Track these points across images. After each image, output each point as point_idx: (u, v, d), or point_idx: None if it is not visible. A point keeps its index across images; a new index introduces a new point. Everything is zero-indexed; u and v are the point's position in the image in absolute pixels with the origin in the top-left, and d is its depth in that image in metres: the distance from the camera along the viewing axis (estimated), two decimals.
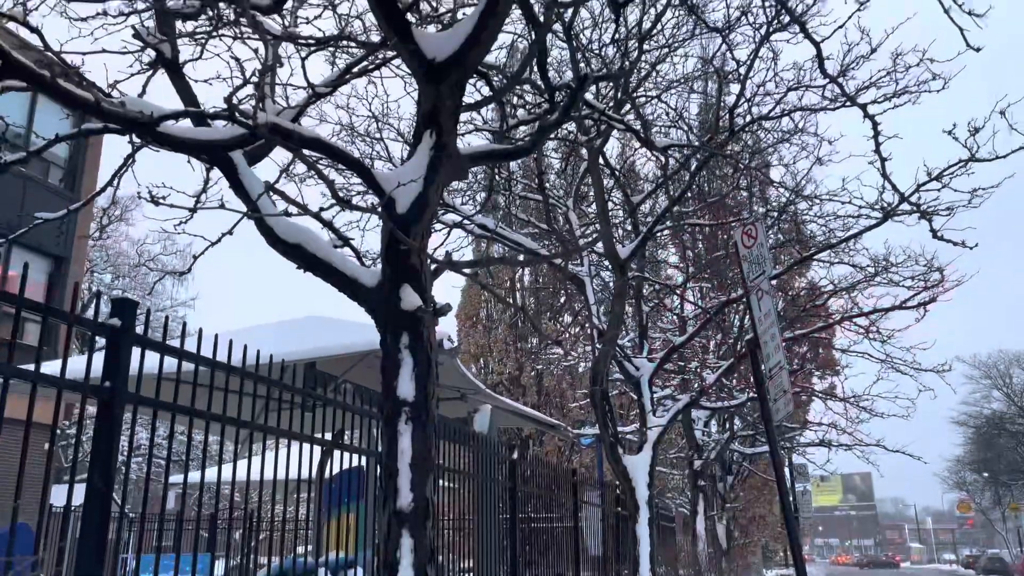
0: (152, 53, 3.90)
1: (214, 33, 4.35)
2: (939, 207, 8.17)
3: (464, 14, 5.87)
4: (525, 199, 13.83)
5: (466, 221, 9.41)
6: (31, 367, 3.08)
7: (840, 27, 6.55)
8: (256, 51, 4.39)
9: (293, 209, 3.27)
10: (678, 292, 14.87)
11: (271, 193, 3.89)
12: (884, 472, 18.87)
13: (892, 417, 15.36)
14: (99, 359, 3.44)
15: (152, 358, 3.54)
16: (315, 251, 3.83)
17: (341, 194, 9.39)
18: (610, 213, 11.56)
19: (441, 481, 5.98)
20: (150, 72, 4.18)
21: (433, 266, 3.91)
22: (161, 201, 3.03)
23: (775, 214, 12.55)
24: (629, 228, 13.07)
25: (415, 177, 3.50)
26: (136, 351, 3.40)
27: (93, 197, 4.32)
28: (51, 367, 5.13)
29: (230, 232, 3.46)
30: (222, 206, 3.03)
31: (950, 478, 62.97)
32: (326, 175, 3.29)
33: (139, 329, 3.47)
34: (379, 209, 3.42)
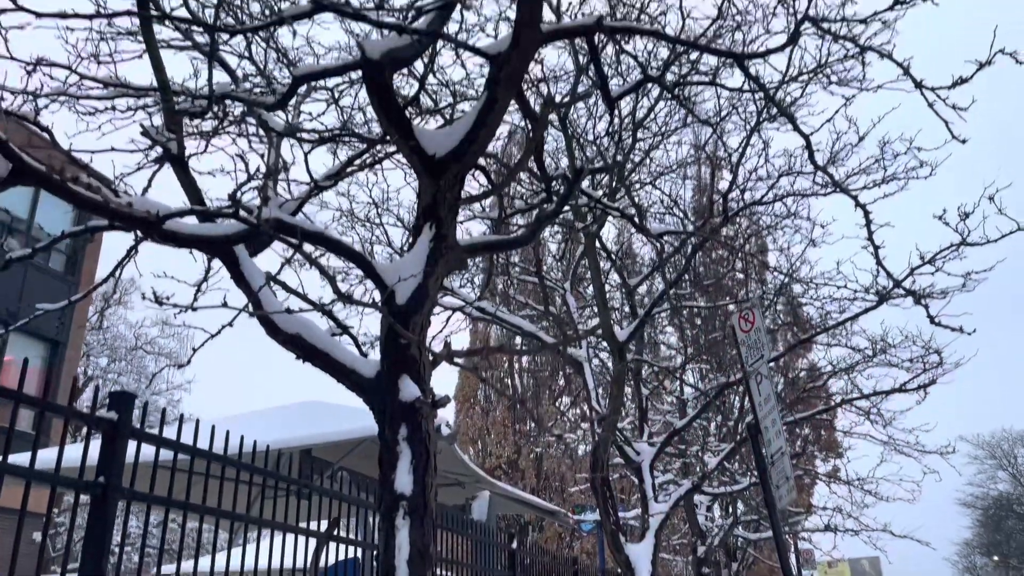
0: (159, 149, 4.01)
1: (220, 129, 4.48)
2: (934, 291, 8.23)
3: (463, 110, 6.05)
4: (523, 281, 13.94)
5: (466, 307, 9.46)
6: (27, 459, 3.07)
7: (828, 120, 6.75)
8: (263, 156, 4.51)
9: (294, 305, 3.31)
10: (677, 374, 14.82)
11: (272, 283, 3.94)
12: (893, 558, 18.33)
13: (898, 501, 15.08)
14: (95, 447, 3.43)
15: (148, 446, 3.53)
16: (314, 341, 3.85)
17: (340, 277, 9.50)
18: (607, 295, 11.63)
19: (439, 570, 5.85)
20: (156, 167, 4.29)
21: (431, 356, 3.92)
22: (165, 301, 3.07)
23: (771, 296, 12.63)
24: (627, 310, 13.12)
25: (415, 271, 3.56)
26: (132, 443, 3.40)
27: (93, 289, 4.36)
28: (47, 455, 5.08)
29: (230, 324, 3.49)
30: (224, 304, 3.06)
31: (960, 562, 61.34)
32: (327, 269, 3.35)
33: (135, 414, 3.47)
34: (380, 304, 3.45)
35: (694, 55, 6.85)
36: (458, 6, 4.61)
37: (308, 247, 4.32)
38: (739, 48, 6.58)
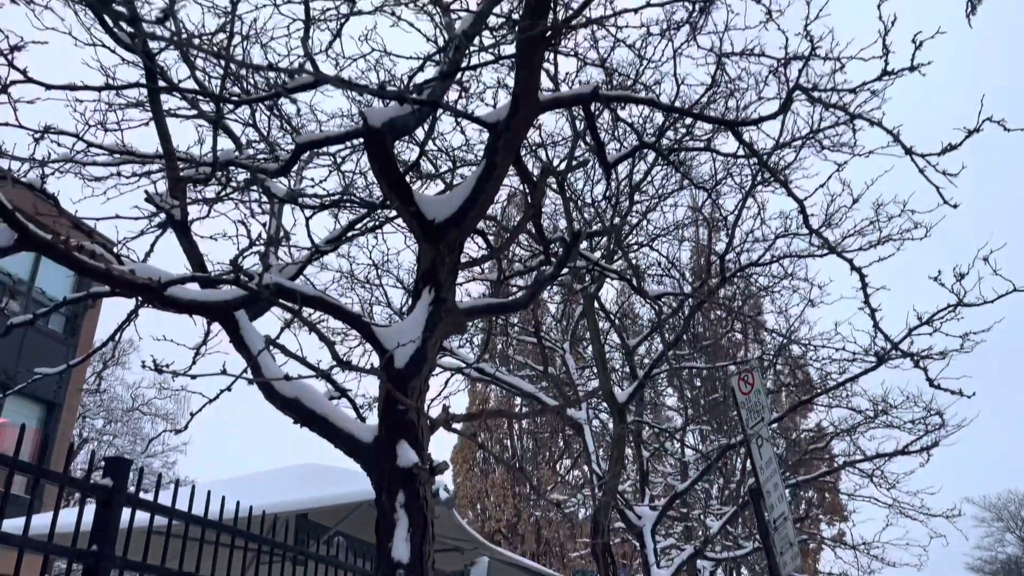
0: (162, 215, 4.06)
1: (223, 195, 4.55)
2: (932, 353, 8.22)
3: (463, 175, 6.15)
4: (522, 341, 13.94)
5: (465, 368, 9.45)
6: (21, 525, 3.05)
7: (822, 185, 6.85)
8: (265, 224, 4.57)
9: (293, 373, 3.32)
10: (678, 436, 14.70)
11: (271, 347, 3.95)
12: None
13: (905, 566, 14.77)
14: (90, 510, 3.39)
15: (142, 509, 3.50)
16: (312, 406, 3.84)
17: (339, 337, 9.49)
18: (607, 355, 11.61)
19: None
20: (159, 232, 4.34)
21: (430, 421, 3.91)
22: (164, 369, 3.08)
23: (771, 357, 12.60)
24: (627, 371, 13.08)
25: (414, 336, 3.57)
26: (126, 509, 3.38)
27: (92, 353, 4.37)
28: (41, 521, 5.02)
29: (228, 389, 3.49)
30: (223, 371, 3.07)
31: None
32: (326, 334, 3.37)
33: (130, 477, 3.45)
34: (379, 370, 3.46)
35: (689, 121, 6.98)
36: (457, 74, 4.73)
37: (308, 310, 4.34)
38: (733, 115, 6.71)
